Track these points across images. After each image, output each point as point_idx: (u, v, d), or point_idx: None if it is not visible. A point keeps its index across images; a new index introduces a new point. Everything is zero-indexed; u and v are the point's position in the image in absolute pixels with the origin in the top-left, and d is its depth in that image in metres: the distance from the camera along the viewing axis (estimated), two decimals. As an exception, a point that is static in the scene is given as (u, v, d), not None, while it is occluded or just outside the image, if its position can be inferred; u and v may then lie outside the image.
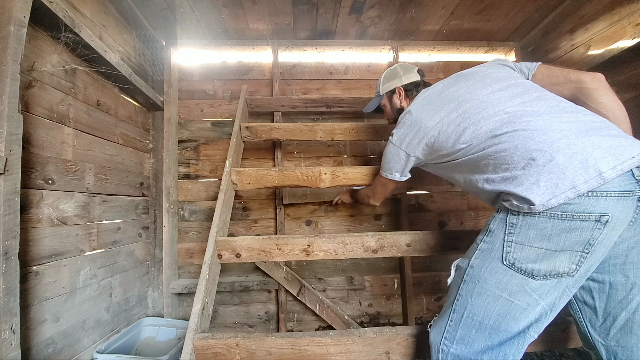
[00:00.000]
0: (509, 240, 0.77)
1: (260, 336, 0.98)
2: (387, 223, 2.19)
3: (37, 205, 1.17)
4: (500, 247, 0.78)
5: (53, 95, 1.27)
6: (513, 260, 0.76)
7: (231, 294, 2.09)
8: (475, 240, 0.86)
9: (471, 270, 0.81)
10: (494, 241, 0.79)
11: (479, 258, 0.81)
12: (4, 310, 0.88)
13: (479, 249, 0.82)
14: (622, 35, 1.60)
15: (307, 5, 1.86)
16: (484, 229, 0.84)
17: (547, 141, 0.74)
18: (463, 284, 0.82)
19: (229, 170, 1.46)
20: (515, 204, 0.76)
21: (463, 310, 0.81)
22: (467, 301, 0.80)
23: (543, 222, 0.72)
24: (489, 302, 0.78)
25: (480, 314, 0.78)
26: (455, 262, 0.88)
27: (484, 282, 0.79)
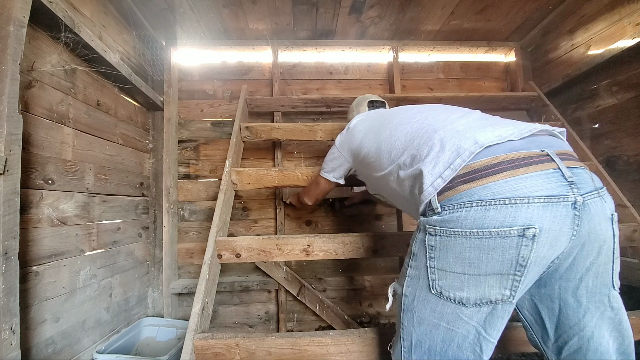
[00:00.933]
0: (431, 266, 0.68)
1: (260, 336, 0.98)
2: (387, 223, 2.19)
3: (37, 205, 1.17)
4: (425, 274, 0.70)
5: (53, 95, 1.27)
6: (440, 288, 0.67)
7: (231, 294, 2.09)
8: (405, 263, 0.78)
9: (405, 299, 0.75)
10: (419, 266, 0.72)
11: (410, 286, 0.74)
12: (4, 310, 0.88)
13: (408, 276, 0.75)
14: (622, 35, 1.60)
15: (307, 5, 1.86)
16: (409, 252, 0.76)
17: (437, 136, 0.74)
18: (402, 313, 0.76)
19: (229, 170, 1.46)
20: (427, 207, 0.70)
21: (410, 338, 0.74)
22: (411, 330, 0.74)
23: (460, 243, 0.62)
24: (430, 330, 0.71)
25: (426, 341, 0.72)
26: (391, 286, 0.81)
27: (419, 311, 0.72)
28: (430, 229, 0.68)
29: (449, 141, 0.69)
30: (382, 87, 2.31)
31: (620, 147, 1.62)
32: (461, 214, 0.62)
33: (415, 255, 0.73)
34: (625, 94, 1.60)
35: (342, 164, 1.23)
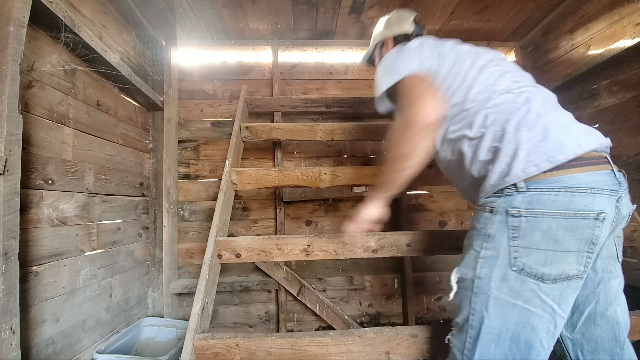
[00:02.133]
0: (514, 245, 0.72)
1: (260, 336, 0.98)
2: (387, 223, 2.18)
3: (37, 205, 1.17)
4: (506, 252, 0.73)
5: (53, 96, 1.27)
6: (522, 265, 0.72)
7: (231, 294, 2.08)
8: (470, 246, 0.80)
9: (479, 282, 0.76)
10: (497, 247, 0.74)
11: (484, 267, 0.75)
12: (4, 310, 0.88)
13: (482, 257, 0.76)
14: (622, 35, 1.60)
15: (307, 5, 1.86)
16: (479, 234, 0.78)
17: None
18: (474, 297, 0.76)
19: (229, 170, 1.46)
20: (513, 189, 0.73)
21: (480, 324, 0.75)
22: (483, 314, 0.74)
23: (547, 223, 0.70)
24: (505, 312, 0.73)
25: (497, 326, 0.74)
26: (455, 274, 0.82)
27: (496, 291, 0.74)
28: (514, 211, 0.73)
29: (553, 134, 0.73)
30: (382, 87, 2.31)
31: (620, 147, 1.62)
32: (550, 197, 0.70)
33: (491, 237, 0.76)
34: (626, 93, 1.60)
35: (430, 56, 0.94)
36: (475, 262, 0.77)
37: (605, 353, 0.80)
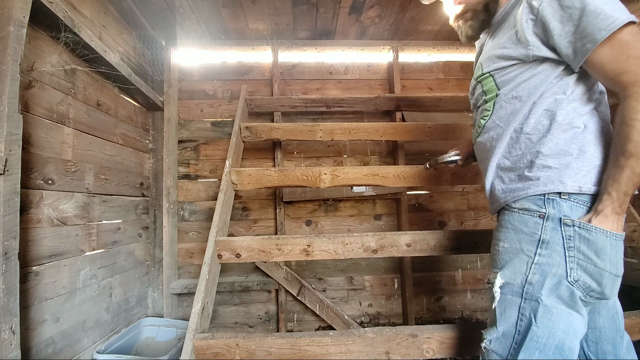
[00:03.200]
0: (570, 256, 0.72)
1: (260, 336, 0.98)
2: (387, 223, 2.19)
3: (37, 205, 1.17)
4: (562, 262, 0.73)
5: (53, 96, 1.27)
6: (577, 277, 0.72)
7: (231, 294, 2.09)
8: (520, 250, 0.78)
9: (530, 287, 0.75)
10: (553, 255, 0.73)
11: (537, 274, 0.74)
12: (4, 310, 0.88)
13: (535, 263, 0.75)
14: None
15: (307, 5, 1.86)
16: (531, 239, 0.76)
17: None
18: (524, 303, 0.76)
19: (229, 170, 1.46)
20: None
21: (527, 331, 0.74)
22: (531, 322, 0.74)
23: (601, 240, 0.71)
24: (553, 320, 0.73)
25: (545, 334, 0.73)
26: (500, 279, 0.80)
27: (546, 299, 0.73)
28: (567, 220, 0.73)
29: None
30: (382, 87, 2.31)
31: (620, 147, 1.62)
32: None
33: (546, 243, 0.74)
34: (625, 94, 1.60)
35: None
36: (528, 267, 0.76)
37: (608, 342, 0.83)
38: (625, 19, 0.66)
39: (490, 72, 0.91)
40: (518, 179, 0.82)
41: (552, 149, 0.77)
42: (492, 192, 0.91)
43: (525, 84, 0.83)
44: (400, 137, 1.89)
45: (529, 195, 0.78)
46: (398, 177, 1.49)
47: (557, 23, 0.73)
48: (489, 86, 0.92)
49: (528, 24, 0.78)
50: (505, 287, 0.79)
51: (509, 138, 0.85)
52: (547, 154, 0.77)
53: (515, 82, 0.85)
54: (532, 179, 0.79)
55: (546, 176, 0.77)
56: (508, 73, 0.86)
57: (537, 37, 0.78)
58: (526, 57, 0.80)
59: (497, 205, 0.89)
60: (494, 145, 0.89)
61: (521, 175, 0.81)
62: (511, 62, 0.84)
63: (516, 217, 0.81)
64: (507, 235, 0.82)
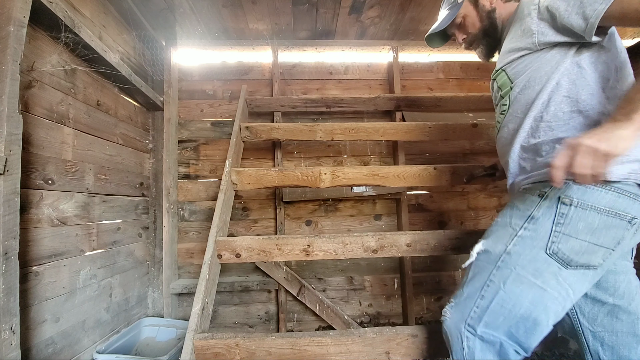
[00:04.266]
0: (556, 231, 0.76)
1: (260, 336, 0.98)
2: (387, 223, 2.19)
3: (37, 205, 1.17)
4: (545, 236, 0.77)
5: (53, 96, 1.27)
6: (557, 250, 0.76)
7: (231, 294, 2.09)
8: (508, 224, 0.83)
9: (507, 257, 0.79)
10: (538, 229, 0.78)
11: (518, 245, 0.79)
12: (4, 310, 0.88)
13: (518, 236, 0.80)
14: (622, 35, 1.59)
15: (307, 5, 1.86)
16: (522, 215, 0.81)
17: None
18: (496, 270, 0.80)
19: (229, 170, 1.46)
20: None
21: (493, 296, 0.79)
22: (500, 288, 0.78)
23: (592, 216, 0.74)
24: (522, 289, 0.77)
25: (511, 301, 0.77)
26: (480, 246, 0.85)
27: (521, 269, 0.77)
28: (566, 199, 0.76)
29: None
30: (382, 87, 2.31)
31: (620, 147, 1.62)
32: (600, 194, 0.74)
33: (534, 219, 0.79)
34: (625, 94, 1.60)
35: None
36: (510, 239, 0.81)
37: (625, 347, 0.85)
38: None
39: (502, 67, 0.95)
40: (539, 166, 0.83)
41: (574, 136, 0.76)
42: (512, 186, 0.94)
43: (537, 73, 0.85)
44: (400, 137, 1.89)
45: (545, 180, 0.80)
46: (398, 177, 1.49)
47: (561, 2, 0.77)
48: (503, 81, 0.95)
49: (531, 15, 0.83)
50: (483, 254, 0.84)
51: (528, 127, 0.87)
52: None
53: (528, 73, 0.87)
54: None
55: None
56: (518, 64, 0.89)
57: (544, 23, 0.81)
58: (533, 44, 0.84)
59: (511, 185, 0.94)
60: (514, 136, 0.90)
61: (542, 162, 0.82)
62: (520, 52, 0.88)
63: (518, 195, 0.86)
64: (503, 212, 0.87)
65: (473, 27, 1.04)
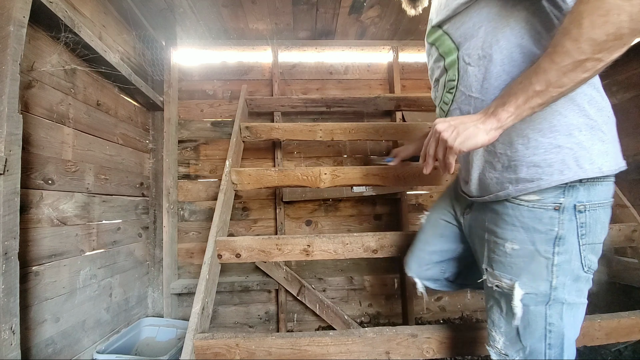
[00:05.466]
0: (583, 244, 0.66)
1: (260, 336, 0.98)
2: (387, 223, 2.19)
3: (37, 205, 1.17)
4: (577, 255, 0.66)
5: (53, 96, 1.27)
6: (590, 262, 0.67)
7: (231, 294, 2.09)
8: (535, 252, 0.67)
9: (555, 292, 0.67)
10: (570, 250, 0.66)
11: (560, 275, 0.66)
12: (4, 310, 0.88)
13: (555, 265, 0.66)
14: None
15: (307, 5, 1.86)
16: (547, 238, 0.66)
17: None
18: (549, 310, 0.67)
19: (229, 170, 1.46)
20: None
21: (561, 339, 0.67)
22: (561, 326, 0.67)
23: (603, 213, 0.66)
24: (575, 315, 0.68)
25: (572, 332, 0.69)
26: (518, 290, 0.68)
27: (569, 295, 0.67)
28: (581, 206, 0.64)
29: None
30: (382, 87, 2.32)
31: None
32: (602, 187, 0.65)
33: (563, 239, 0.65)
34: (625, 94, 1.60)
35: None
36: (549, 271, 0.67)
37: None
38: None
39: (439, 22, 0.71)
40: (515, 166, 0.67)
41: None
42: (482, 181, 0.75)
43: (495, 36, 0.65)
44: (400, 137, 1.89)
45: (542, 189, 0.65)
46: (398, 177, 1.49)
47: None
48: (445, 46, 0.73)
49: None
50: (527, 299, 0.68)
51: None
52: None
53: (480, 35, 0.66)
54: (542, 166, 0.64)
55: (560, 160, 0.63)
56: (465, 22, 0.67)
57: None
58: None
59: (493, 197, 0.72)
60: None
61: (531, 160, 0.66)
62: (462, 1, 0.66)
63: (523, 212, 0.68)
64: (515, 236, 0.69)
65: None
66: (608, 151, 0.65)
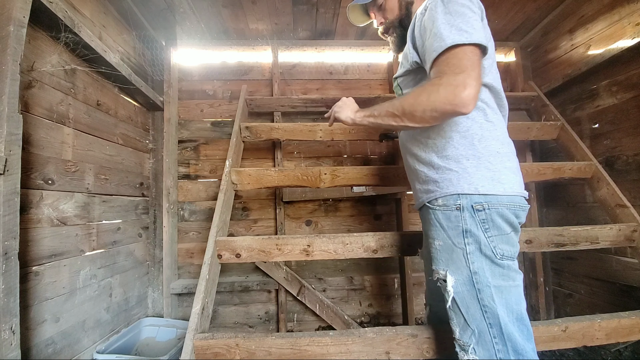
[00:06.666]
0: (489, 236, 0.80)
1: (260, 336, 0.98)
2: (387, 223, 2.19)
3: (37, 205, 1.17)
4: (486, 244, 0.79)
5: (53, 96, 1.27)
6: (502, 252, 0.80)
7: (231, 294, 2.09)
8: (452, 245, 0.83)
9: (477, 277, 0.79)
10: (478, 240, 0.80)
11: (475, 262, 0.79)
12: (4, 310, 0.88)
13: (469, 253, 0.80)
14: (622, 35, 1.60)
15: (307, 5, 1.86)
16: (456, 232, 0.82)
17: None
18: (480, 294, 0.78)
19: (229, 170, 1.46)
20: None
21: (497, 319, 0.77)
22: (494, 308, 0.77)
23: (508, 213, 0.81)
24: (507, 297, 0.78)
25: (506, 313, 0.77)
26: (450, 278, 0.82)
27: (494, 280, 0.78)
28: (478, 205, 0.80)
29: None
30: (382, 87, 2.32)
31: (619, 147, 1.62)
32: (496, 197, 0.82)
33: (469, 232, 0.81)
34: (625, 94, 1.60)
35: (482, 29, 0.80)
36: (465, 258, 0.81)
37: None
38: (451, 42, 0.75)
39: (396, 77, 1.02)
40: (430, 180, 0.89)
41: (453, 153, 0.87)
42: (413, 191, 0.99)
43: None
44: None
45: (446, 195, 0.84)
46: (398, 177, 1.49)
47: (420, 41, 0.86)
48: (398, 93, 1.04)
49: (411, 38, 0.90)
50: (458, 285, 0.82)
51: (417, 142, 0.94)
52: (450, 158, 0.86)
53: (411, 88, 0.94)
54: (438, 181, 0.87)
55: (449, 179, 0.85)
56: (408, 81, 0.97)
57: (414, 48, 0.89)
58: (410, 64, 0.91)
59: (417, 204, 0.97)
60: (408, 146, 0.98)
61: (438, 177, 0.87)
62: (405, 69, 0.95)
63: (439, 214, 0.86)
64: (437, 233, 0.86)
65: (391, 13, 1.03)
66: (494, 177, 0.82)
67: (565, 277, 2.01)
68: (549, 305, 2.11)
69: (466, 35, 0.74)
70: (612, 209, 1.49)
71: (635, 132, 1.55)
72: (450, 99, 0.71)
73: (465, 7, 0.79)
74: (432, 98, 0.74)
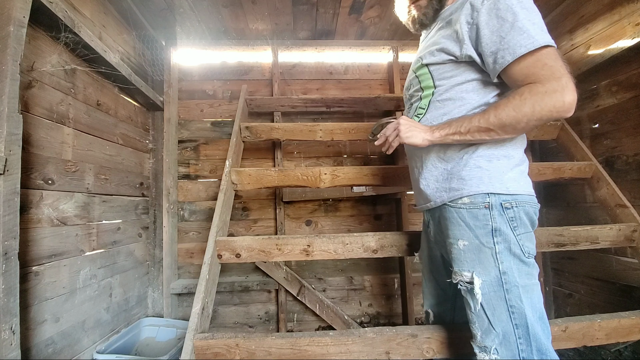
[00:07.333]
0: (518, 234, 0.80)
1: (260, 336, 0.98)
2: (387, 223, 2.19)
3: (36, 205, 1.17)
4: (515, 243, 0.79)
5: (53, 96, 1.27)
6: (529, 250, 0.80)
7: (231, 294, 2.09)
8: (480, 245, 0.81)
9: (506, 277, 0.78)
10: (507, 239, 0.79)
11: (504, 261, 0.79)
12: (4, 310, 0.88)
13: (498, 253, 0.79)
14: (622, 35, 1.60)
15: (307, 5, 1.86)
16: (485, 231, 0.80)
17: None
18: (507, 294, 0.78)
19: (229, 170, 1.46)
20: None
21: (524, 319, 0.76)
22: (522, 308, 0.77)
23: (532, 210, 0.83)
24: (532, 296, 0.78)
25: (532, 313, 0.77)
26: (477, 280, 0.80)
27: (522, 280, 0.78)
28: (507, 204, 0.80)
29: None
30: (382, 87, 2.32)
31: (619, 147, 1.62)
32: (521, 197, 0.84)
33: (499, 230, 0.80)
34: (625, 94, 1.60)
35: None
36: (494, 258, 0.80)
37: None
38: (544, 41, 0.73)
39: (428, 64, 0.92)
40: (454, 178, 0.87)
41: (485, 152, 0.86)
42: (425, 190, 0.94)
43: (459, 87, 0.88)
44: (400, 137, 1.89)
45: (475, 193, 0.83)
46: (398, 177, 1.49)
47: (487, 31, 0.78)
48: (427, 82, 0.94)
49: (465, 26, 0.82)
50: (485, 286, 0.80)
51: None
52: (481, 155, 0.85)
53: (450, 83, 0.88)
54: (466, 179, 0.85)
55: (478, 176, 0.84)
56: (445, 71, 0.89)
57: (470, 39, 0.82)
58: (460, 55, 0.84)
59: (432, 204, 0.92)
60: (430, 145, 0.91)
61: (466, 174, 0.85)
62: (448, 57, 0.87)
63: (464, 213, 0.84)
64: (461, 234, 0.84)
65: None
66: (519, 178, 0.84)
67: (565, 277, 2.01)
68: (549, 306, 2.11)
69: (548, 36, 0.73)
70: (612, 209, 1.49)
71: (635, 132, 1.55)
72: (558, 107, 0.71)
73: (532, 3, 0.77)
74: (537, 108, 0.72)
